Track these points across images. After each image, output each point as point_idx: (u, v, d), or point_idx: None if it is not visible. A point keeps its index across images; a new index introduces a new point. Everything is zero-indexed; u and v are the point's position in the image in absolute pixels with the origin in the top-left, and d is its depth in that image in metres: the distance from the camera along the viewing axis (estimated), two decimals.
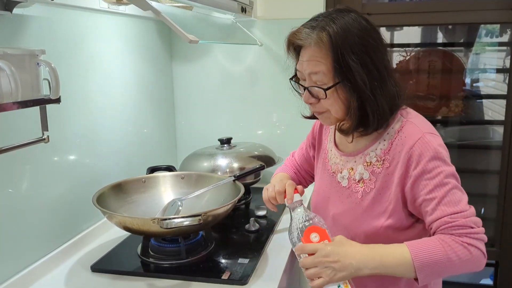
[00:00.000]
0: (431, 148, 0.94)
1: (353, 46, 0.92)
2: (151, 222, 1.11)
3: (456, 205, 0.92)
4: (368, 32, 0.94)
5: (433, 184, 0.93)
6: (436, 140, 0.95)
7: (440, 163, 0.93)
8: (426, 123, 1.00)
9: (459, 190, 0.94)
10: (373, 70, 0.93)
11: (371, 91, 0.93)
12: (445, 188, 0.92)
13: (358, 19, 0.95)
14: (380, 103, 0.95)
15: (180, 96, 1.95)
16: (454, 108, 2.07)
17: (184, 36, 1.02)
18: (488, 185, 2.09)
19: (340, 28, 0.92)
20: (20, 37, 1.09)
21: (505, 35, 2.19)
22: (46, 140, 1.02)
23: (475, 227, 0.91)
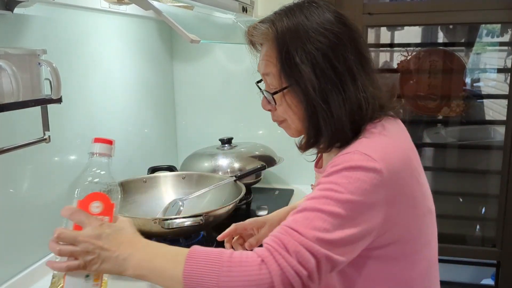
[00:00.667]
0: (347, 163, 0.72)
1: (304, 42, 0.77)
2: (152, 222, 1.11)
3: (307, 227, 0.67)
4: (330, 26, 0.78)
5: (316, 193, 0.72)
6: (365, 162, 0.71)
7: (344, 180, 0.70)
8: (375, 144, 0.75)
9: (331, 222, 0.67)
10: (329, 73, 0.76)
11: (323, 97, 0.77)
12: (319, 205, 0.69)
13: (321, 12, 0.79)
14: (336, 112, 0.77)
15: (181, 96, 1.95)
16: (455, 108, 2.07)
17: (186, 35, 1.02)
18: (489, 185, 2.09)
19: (291, 22, 0.79)
20: (21, 36, 1.09)
21: (506, 35, 2.19)
22: (47, 140, 1.02)
23: (292, 257, 0.64)
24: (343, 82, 0.77)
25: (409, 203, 0.76)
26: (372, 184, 0.70)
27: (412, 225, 0.77)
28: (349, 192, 0.69)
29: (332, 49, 0.77)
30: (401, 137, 0.82)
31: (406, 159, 0.77)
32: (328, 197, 0.69)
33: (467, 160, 2.22)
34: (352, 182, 0.69)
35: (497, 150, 1.97)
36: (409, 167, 0.76)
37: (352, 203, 0.69)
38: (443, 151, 2.26)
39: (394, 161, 0.73)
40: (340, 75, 0.77)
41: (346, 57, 0.78)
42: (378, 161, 0.71)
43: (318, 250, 0.65)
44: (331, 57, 0.77)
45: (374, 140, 0.76)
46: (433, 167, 2.24)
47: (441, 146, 2.25)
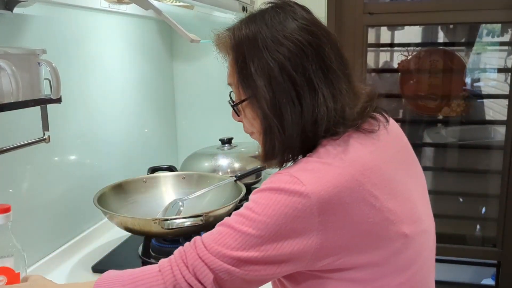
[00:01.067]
0: (271, 182, 0.68)
1: (261, 54, 0.71)
2: (152, 222, 1.11)
3: (215, 242, 0.67)
4: (289, 35, 0.71)
5: (235, 212, 0.71)
6: (292, 185, 0.66)
7: (262, 200, 0.67)
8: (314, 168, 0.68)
9: (241, 240, 0.66)
10: (285, 86, 0.70)
11: (276, 113, 0.72)
12: (234, 223, 0.68)
13: (284, 18, 0.73)
14: (288, 129, 0.72)
15: (181, 95, 1.95)
16: (456, 107, 2.07)
17: (186, 35, 1.02)
18: (489, 185, 2.09)
19: (249, 31, 0.74)
20: (21, 36, 1.09)
21: (506, 35, 2.18)
22: (47, 140, 1.02)
23: (188, 269, 0.66)
24: (301, 96, 0.71)
25: (360, 229, 0.68)
26: (295, 209, 0.65)
27: (371, 251, 0.69)
28: (265, 214, 0.66)
29: (290, 60, 0.71)
30: (362, 154, 0.72)
31: (352, 183, 0.67)
32: (244, 216, 0.68)
33: (467, 160, 2.22)
34: (271, 205, 0.66)
35: (497, 150, 1.97)
36: (355, 191, 0.67)
37: (266, 226, 0.65)
38: (444, 151, 2.25)
39: (331, 185, 0.66)
40: (298, 87, 0.71)
41: (306, 68, 0.71)
42: (306, 185, 0.65)
43: (219, 265, 0.65)
44: (289, 68, 0.70)
45: (316, 162, 0.70)
46: (433, 167, 2.24)
47: (441, 146, 2.24)
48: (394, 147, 0.80)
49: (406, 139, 0.86)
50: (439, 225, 0.96)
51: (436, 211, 0.92)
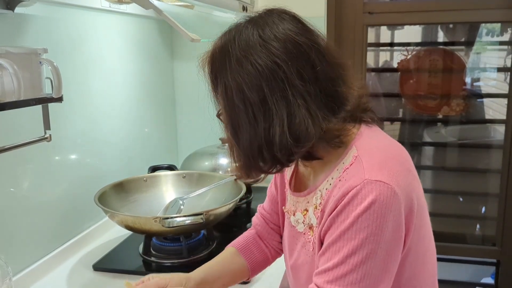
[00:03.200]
0: (364, 200, 0.67)
1: (226, 72, 0.72)
2: (153, 221, 1.12)
3: (340, 286, 0.68)
4: (251, 54, 0.70)
5: (341, 243, 0.68)
6: (379, 189, 0.66)
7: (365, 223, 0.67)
8: (376, 163, 0.70)
9: (360, 271, 0.67)
10: (241, 107, 0.71)
11: (233, 131, 0.74)
12: (347, 257, 0.67)
13: (253, 29, 0.72)
14: (244, 148, 0.73)
15: (181, 95, 1.95)
16: (456, 107, 2.07)
17: (186, 34, 1.02)
18: (489, 184, 2.09)
19: (222, 47, 0.73)
20: (22, 36, 1.09)
21: (506, 34, 2.19)
22: (48, 139, 1.03)
23: None
24: (255, 117, 0.70)
25: (417, 206, 0.72)
26: (393, 209, 0.67)
27: (421, 226, 0.74)
28: (372, 233, 0.66)
29: (247, 81, 0.70)
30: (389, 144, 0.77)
31: (404, 163, 0.73)
32: (354, 246, 0.67)
33: (467, 159, 2.23)
34: (376, 220, 0.66)
35: (497, 149, 1.98)
36: (408, 169, 0.73)
37: (378, 240, 0.66)
38: (443, 150, 2.26)
39: (400, 172, 0.70)
40: (253, 108, 0.70)
41: (262, 89, 0.69)
42: (389, 183, 0.67)
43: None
44: (245, 90, 0.70)
45: (371, 157, 0.71)
46: (433, 166, 2.24)
47: (441, 145, 2.25)
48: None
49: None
50: (439, 224, 0.96)
51: (436, 210, 0.92)
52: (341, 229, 0.68)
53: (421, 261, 0.76)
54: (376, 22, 1.91)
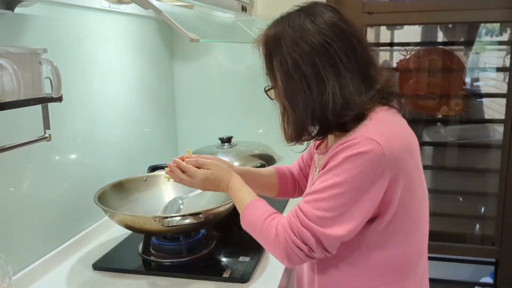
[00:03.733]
0: (355, 148, 0.81)
1: (282, 51, 0.87)
2: (153, 220, 1.12)
3: (312, 207, 0.82)
4: (306, 36, 0.85)
5: (329, 175, 0.83)
6: (371, 146, 0.80)
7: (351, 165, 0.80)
8: (379, 128, 0.84)
9: (334, 203, 0.81)
10: (297, 78, 0.86)
11: (289, 99, 0.88)
12: (327, 186, 0.82)
13: (303, 22, 0.87)
14: (300, 114, 0.87)
15: (181, 95, 1.96)
16: (455, 107, 2.07)
17: (186, 34, 1.03)
18: (488, 183, 2.09)
19: (275, 31, 0.89)
20: (22, 36, 1.09)
21: (505, 34, 2.19)
22: (48, 139, 1.03)
23: (297, 237, 0.82)
24: (310, 86, 0.85)
25: (408, 182, 0.84)
26: (374, 166, 0.80)
27: (408, 204, 0.86)
28: (353, 176, 0.80)
29: (302, 57, 0.85)
30: (403, 124, 0.91)
31: (406, 143, 0.85)
32: (335, 181, 0.81)
33: (466, 159, 2.23)
34: (357, 166, 0.80)
35: (496, 149, 1.98)
36: (409, 150, 0.85)
37: (356, 185, 0.80)
38: (443, 150, 2.26)
39: (395, 143, 0.82)
40: (308, 79, 0.85)
41: (315, 63, 0.85)
42: (382, 144, 0.80)
43: (316, 229, 0.81)
44: (300, 64, 0.85)
45: (378, 125, 0.84)
46: (432, 166, 2.25)
47: (440, 145, 2.25)
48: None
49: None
50: (438, 224, 0.98)
51: (435, 210, 0.94)
52: (331, 166, 0.83)
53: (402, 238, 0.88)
54: (375, 22, 1.92)
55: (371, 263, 0.88)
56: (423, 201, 0.91)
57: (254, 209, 0.93)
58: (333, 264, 0.91)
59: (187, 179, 1.02)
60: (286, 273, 1.20)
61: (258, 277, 1.13)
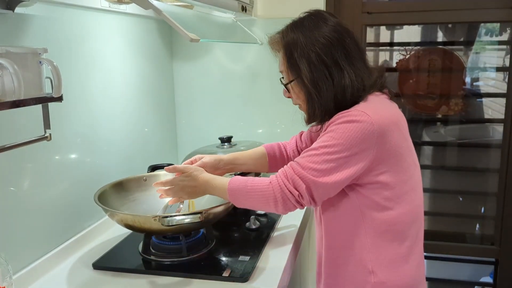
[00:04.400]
0: (345, 117, 0.98)
1: (302, 47, 1.03)
2: (153, 219, 1.12)
3: (307, 160, 0.98)
4: (322, 34, 1.03)
5: (321, 138, 0.99)
6: (360, 116, 0.97)
7: (342, 129, 0.97)
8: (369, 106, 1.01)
9: (327, 155, 0.97)
10: (320, 67, 1.02)
11: (315, 85, 1.03)
12: (320, 144, 0.98)
13: (316, 23, 1.05)
14: (324, 96, 1.03)
15: (181, 94, 1.96)
16: (454, 106, 2.08)
17: (185, 34, 1.03)
18: (488, 183, 2.09)
19: (294, 33, 1.05)
20: (22, 35, 1.10)
21: (505, 34, 2.19)
22: (48, 138, 1.03)
23: (289, 182, 0.98)
24: (331, 73, 1.02)
25: (395, 151, 1.00)
26: (364, 132, 0.95)
27: (399, 170, 1.01)
28: (345, 138, 0.96)
29: (322, 50, 1.02)
30: (392, 106, 1.08)
31: (393, 118, 1.02)
32: (328, 143, 0.97)
33: (466, 158, 2.23)
34: (349, 131, 0.96)
35: (495, 149, 1.98)
36: (396, 124, 1.01)
37: (346, 146, 0.96)
38: (442, 150, 2.26)
39: (383, 117, 0.98)
40: (329, 67, 1.02)
41: (333, 54, 1.02)
42: (371, 116, 0.96)
43: (307, 177, 0.96)
44: (322, 55, 1.02)
45: (369, 104, 1.02)
46: (432, 165, 2.25)
47: (440, 145, 2.25)
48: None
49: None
50: (438, 223, 0.99)
51: (435, 209, 0.96)
52: (327, 130, 0.99)
53: (397, 200, 1.03)
54: (375, 22, 1.92)
55: (371, 223, 1.03)
56: (414, 168, 1.07)
57: (237, 180, 1.06)
58: (338, 224, 1.07)
59: (170, 188, 1.16)
60: (286, 272, 1.20)
61: (257, 277, 1.13)
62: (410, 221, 1.05)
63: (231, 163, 1.29)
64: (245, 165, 1.31)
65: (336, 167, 0.96)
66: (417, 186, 1.09)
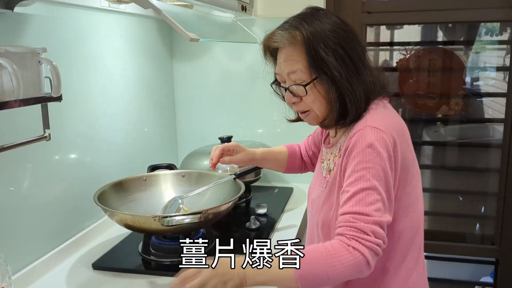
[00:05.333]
0: (365, 140, 0.90)
1: (325, 40, 0.94)
2: (152, 219, 1.12)
3: (365, 206, 0.86)
4: (338, 26, 0.96)
5: (354, 177, 0.89)
6: (376, 134, 0.90)
7: (369, 157, 0.89)
8: (378, 118, 0.95)
9: (377, 193, 0.87)
10: (347, 61, 0.94)
11: (348, 80, 0.94)
12: (362, 185, 0.88)
13: (328, 15, 0.98)
14: (358, 92, 0.95)
15: (181, 94, 1.96)
16: (454, 106, 2.07)
17: (185, 34, 1.03)
18: (488, 183, 2.09)
19: (310, 25, 0.95)
20: (22, 35, 1.09)
21: (505, 34, 2.19)
22: (47, 138, 1.03)
23: (371, 236, 0.85)
24: (358, 68, 0.96)
25: (403, 163, 0.94)
26: (388, 148, 0.90)
27: (404, 181, 0.95)
28: (377, 163, 0.89)
29: (346, 43, 0.95)
30: (394, 113, 1.03)
31: (400, 128, 0.96)
32: (365, 176, 0.88)
33: (466, 158, 2.23)
34: (377, 156, 0.89)
35: (496, 148, 1.98)
36: (402, 134, 0.96)
37: (383, 172, 0.89)
38: (443, 150, 2.26)
39: (392, 129, 0.93)
40: (355, 62, 0.95)
41: (355, 48, 0.96)
42: (384, 131, 0.91)
43: (382, 221, 0.86)
44: (347, 49, 0.95)
45: (375, 115, 0.96)
46: (432, 165, 2.25)
47: (440, 145, 2.25)
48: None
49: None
50: (438, 223, 0.99)
51: (435, 209, 0.96)
52: (354, 161, 0.90)
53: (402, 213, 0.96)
54: (375, 21, 1.92)
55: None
56: (417, 178, 1.01)
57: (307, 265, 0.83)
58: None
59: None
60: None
61: None
62: (414, 232, 1.01)
63: (259, 163, 1.30)
64: (268, 163, 1.31)
65: (388, 197, 0.89)
66: (419, 195, 1.03)
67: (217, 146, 1.25)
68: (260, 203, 1.55)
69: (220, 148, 1.24)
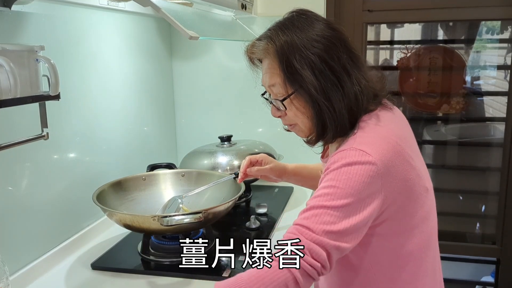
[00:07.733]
0: (344, 160, 0.82)
1: (301, 51, 0.86)
2: (152, 219, 1.11)
3: (316, 223, 0.78)
4: (321, 32, 0.87)
5: (320, 193, 0.82)
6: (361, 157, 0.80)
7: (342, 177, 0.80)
8: (370, 137, 0.85)
9: (337, 217, 0.78)
10: (327, 73, 0.85)
11: (325, 95, 0.86)
12: (324, 202, 0.80)
13: (311, 20, 0.89)
14: (338, 107, 0.86)
15: (180, 93, 1.95)
16: (455, 105, 2.07)
17: (184, 32, 1.02)
18: (489, 182, 2.09)
19: (286, 34, 0.88)
20: (19, 33, 1.09)
21: (506, 32, 2.18)
22: (45, 137, 1.02)
23: (306, 254, 0.77)
24: (340, 79, 0.86)
25: (403, 186, 0.84)
26: (369, 176, 0.79)
27: (407, 204, 0.86)
28: (349, 187, 0.79)
29: (326, 52, 0.86)
30: (393, 126, 0.90)
31: (397, 147, 0.84)
32: (331, 194, 0.80)
33: (467, 157, 2.22)
34: (351, 177, 0.79)
35: (497, 147, 1.97)
36: (400, 154, 0.84)
37: (353, 196, 0.79)
38: (443, 149, 2.25)
39: (386, 151, 0.82)
40: (337, 73, 0.86)
41: (339, 57, 0.87)
42: (372, 155, 0.80)
43: (328, 243, 0.77)
44: (327, 59, 0.86)
45: (367, 134, 0.86)
46: (433, 164, 2.24)
47: (441, 144, 2.24)
48: (404, 122, 0.97)
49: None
50: (438, 222, 0.97)
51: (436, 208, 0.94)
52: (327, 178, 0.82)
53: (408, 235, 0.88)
54: (375, 20, 1.91)
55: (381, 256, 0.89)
56: (425, 196, 0.90)
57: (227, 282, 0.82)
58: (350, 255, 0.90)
59: None
60: None
61: None
62: (423, 252, 0.92)
63: (292, 179, 1.27)
64: (310, 175, 1.25)
65: (352, 224, 0.79)
66: (430, 213, 0.93)
67: (246, 158, 1.25)
68: (260, 202, 1.54)
69: (247, 159, 1.23)
